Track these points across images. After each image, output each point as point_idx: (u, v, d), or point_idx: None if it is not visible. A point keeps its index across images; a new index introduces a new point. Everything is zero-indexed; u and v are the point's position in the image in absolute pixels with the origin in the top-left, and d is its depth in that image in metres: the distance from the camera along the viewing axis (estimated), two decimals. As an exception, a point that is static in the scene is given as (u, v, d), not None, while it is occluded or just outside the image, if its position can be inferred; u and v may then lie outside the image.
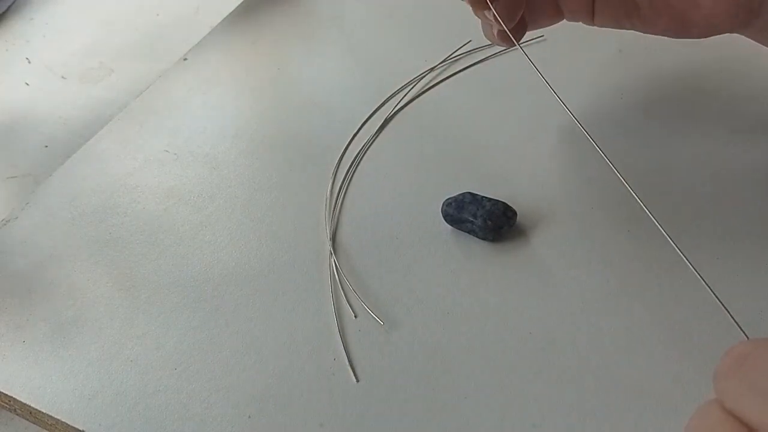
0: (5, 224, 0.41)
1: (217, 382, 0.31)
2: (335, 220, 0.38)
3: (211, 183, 0.42)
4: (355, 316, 0.33)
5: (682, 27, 0.33)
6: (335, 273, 0.35)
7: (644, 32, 0.35)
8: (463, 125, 0.43)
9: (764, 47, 0.34)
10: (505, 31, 0.34)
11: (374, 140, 0.43)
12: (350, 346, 0.32)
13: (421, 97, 0.45)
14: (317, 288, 0.35)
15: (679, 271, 0.33)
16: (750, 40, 0.34)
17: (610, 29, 0.38)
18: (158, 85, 0.50)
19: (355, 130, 0.43)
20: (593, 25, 0.36)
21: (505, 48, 0.44)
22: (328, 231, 0.37)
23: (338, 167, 0.41)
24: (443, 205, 0.36)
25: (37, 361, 0.34)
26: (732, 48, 0.43)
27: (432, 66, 0.47)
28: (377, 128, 0.43)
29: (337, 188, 0.40)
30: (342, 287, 0.35)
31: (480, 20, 0.36)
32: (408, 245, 0.36)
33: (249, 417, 0.30)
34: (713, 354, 0.29)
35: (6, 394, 0.33)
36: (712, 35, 0.34)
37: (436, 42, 0.49)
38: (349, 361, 0.31)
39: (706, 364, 0.29)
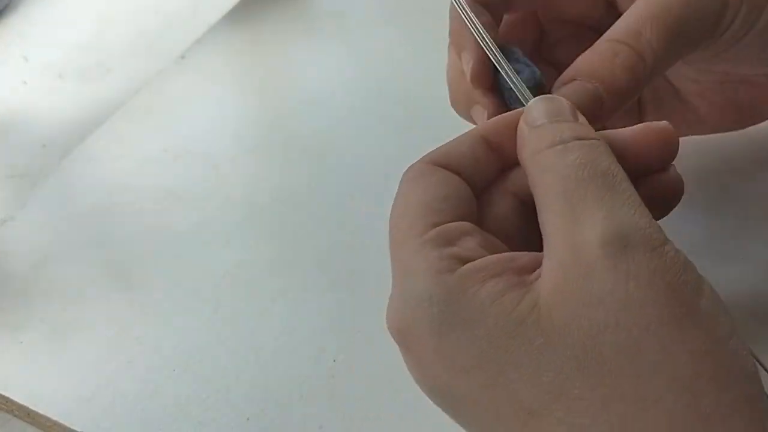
0: (2, 224, 0.41)
1: (215, 384, 0.31)
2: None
3: (210, 182, 0.41)
4: (356, 316, 0.33)
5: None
6: (335, 272, 0.35)
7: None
8: (463, 124, 0.42)
9: None
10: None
11: (366, 140, 0.42)
12: (350, 347, 0.32)
13: (421, 96, 0.45)
14: (317, 288, 0.35)
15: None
16: None
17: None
18: (156, 83, 0.49)
19: (355, 130, 0.43)
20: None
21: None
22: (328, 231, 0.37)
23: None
24: (444, 204, 0.36)
25: (35, 362, 0.33)
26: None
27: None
28: (372, 128, 0.43)
29: (337, 187, 0.40)
30: (342, 287, 0.34)
31: None
32: (408, 245, 0.36)
33: (248, 419, 0.30)
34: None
35: (3, 395, 0.32)
36: None
37: (436, 40, 0.49)
38: (350, 361, 0.31)
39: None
